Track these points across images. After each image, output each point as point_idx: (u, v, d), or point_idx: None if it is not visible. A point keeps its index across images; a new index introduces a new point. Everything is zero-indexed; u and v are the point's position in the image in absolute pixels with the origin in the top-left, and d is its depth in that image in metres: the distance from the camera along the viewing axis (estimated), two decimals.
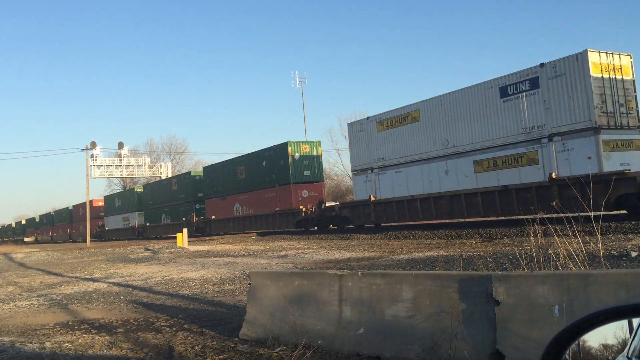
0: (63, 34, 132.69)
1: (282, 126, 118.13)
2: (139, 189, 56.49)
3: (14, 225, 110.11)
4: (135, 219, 52.88)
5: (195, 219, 40.88)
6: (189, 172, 46.52)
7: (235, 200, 36.83)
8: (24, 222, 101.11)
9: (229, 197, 37.42)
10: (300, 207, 30.04)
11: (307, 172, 31.54)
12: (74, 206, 73.05)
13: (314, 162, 32.14)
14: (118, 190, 73.16)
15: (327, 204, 30.08)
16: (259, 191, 33.75)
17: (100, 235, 61.93)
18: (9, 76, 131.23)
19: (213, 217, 38.99)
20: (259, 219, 34.14)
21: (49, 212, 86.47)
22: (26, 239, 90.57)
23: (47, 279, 16.64)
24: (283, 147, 31.67)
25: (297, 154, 31.25)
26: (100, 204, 65.14)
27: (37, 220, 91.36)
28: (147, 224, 50.62)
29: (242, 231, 35.90)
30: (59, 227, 76.76)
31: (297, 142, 31.77)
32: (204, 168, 42.66)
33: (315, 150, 32.35)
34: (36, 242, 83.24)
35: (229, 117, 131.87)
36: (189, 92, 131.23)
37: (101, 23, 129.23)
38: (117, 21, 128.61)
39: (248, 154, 36.32)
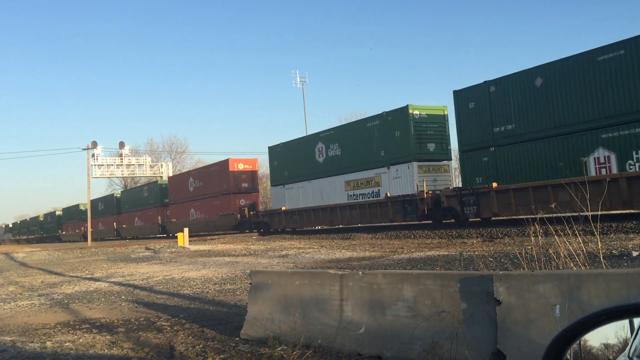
0: (64, 33, 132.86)
1: (282, 126, 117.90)
2: (417, 108, 23.68)
3: (41, 218, 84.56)
4: (414, 177, 22.79)
5: None
6: None
7: None
8: (59, 212, 75.31)
9: None
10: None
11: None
12: (171, 177, 46.26)
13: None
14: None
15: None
16: None
17: (257, 227, 32.40)
18: (10, 75, 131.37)
19: None
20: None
21: (111, 194, 59.29)
22: (64, 235, 67.69)
23: (48, 279, 16.66)
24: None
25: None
26: (243, 166, 36.03)
27: (82, 208, 59.73)
28: (487, 186, 19.33)
29: None
30: (135, 214, 49.78)
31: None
32: None
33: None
34: (82, 238, 54.71)
35: (229, 117, 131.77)
36: (189, 91, 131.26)
37: (102, 22, 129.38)
38: (118, 20, 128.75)
39: None
